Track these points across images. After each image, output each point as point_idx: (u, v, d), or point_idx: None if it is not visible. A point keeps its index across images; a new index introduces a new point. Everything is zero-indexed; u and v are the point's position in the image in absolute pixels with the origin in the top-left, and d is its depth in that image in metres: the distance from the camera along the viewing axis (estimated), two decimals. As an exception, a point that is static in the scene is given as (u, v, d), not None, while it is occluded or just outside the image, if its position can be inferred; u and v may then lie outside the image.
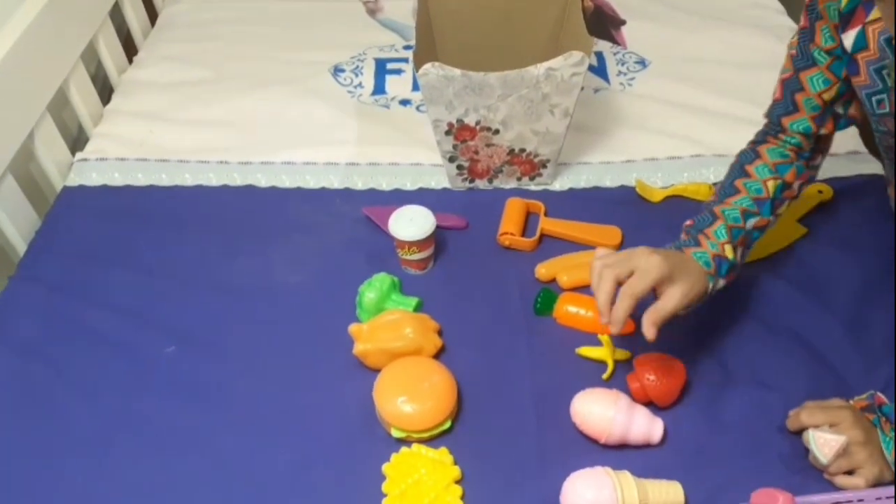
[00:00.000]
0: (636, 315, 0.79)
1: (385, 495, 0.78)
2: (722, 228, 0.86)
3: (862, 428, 0.77)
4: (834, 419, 0.78)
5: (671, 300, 0.77)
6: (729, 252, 0.85)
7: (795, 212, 1.05)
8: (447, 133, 1.04)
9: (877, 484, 0.75)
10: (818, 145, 0.92)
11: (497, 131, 1.04)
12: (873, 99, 0.80)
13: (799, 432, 0.81)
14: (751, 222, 0.87)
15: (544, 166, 1.11)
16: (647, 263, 0.77)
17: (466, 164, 1.10)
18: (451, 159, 1.09)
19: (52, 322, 0.96)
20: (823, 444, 0.76)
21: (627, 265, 0.78)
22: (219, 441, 0.84)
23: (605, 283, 0.78)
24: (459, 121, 1.02)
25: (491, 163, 1.09)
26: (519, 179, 1.13)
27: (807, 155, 0.92)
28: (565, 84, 0.98)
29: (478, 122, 1.03)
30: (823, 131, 0.89)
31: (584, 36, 1.02)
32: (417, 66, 0.97)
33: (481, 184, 1.13)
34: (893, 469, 0.76)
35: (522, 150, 1.07)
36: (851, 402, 0.81)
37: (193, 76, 1.36)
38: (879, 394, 0.80)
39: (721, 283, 0.84)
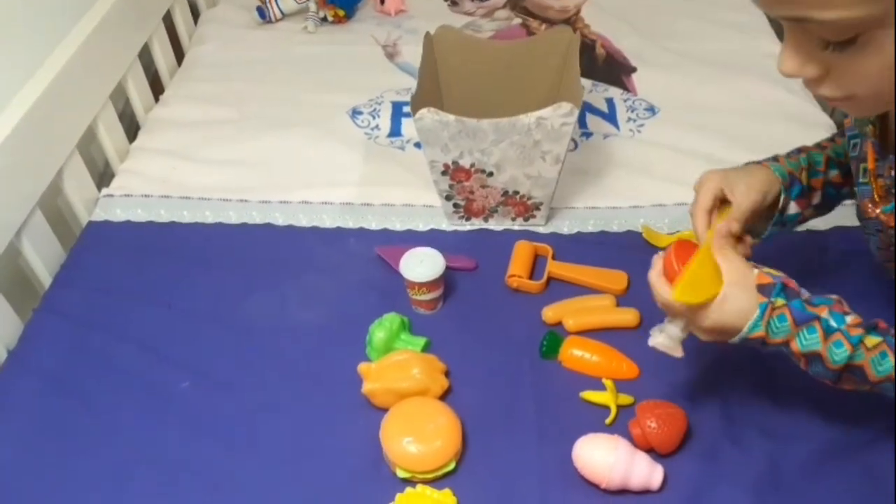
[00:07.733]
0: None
1: (388, 535, 0.80)
2: (803, 159, 0.85)
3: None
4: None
5: (739, 196, 0.79)
6: (804, 178, 0.83)
7: None
8: (443, 173, 1.08)
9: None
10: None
11: (491, 174, 1.08)
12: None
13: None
14: (832, 173, 0.85)
15: (537, 208, 1.14)
16: (700, 180, 0.81)
17: (462, 203, 1.13)
18: (448, 198, 1.13)
19: (73, 354, 0.99)
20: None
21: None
22: (228, 475, 0.87)
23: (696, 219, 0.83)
24: (455, 163, 1.06)
25: (486, 203, 1.13)
26: (513, 220, 1.16)
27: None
28: (555, 132, 1.02)
29: (472, 165, 1.06)
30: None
31: (577, 86, 1.06)
32: (414, 110, 1.01)
33: (477, 222, 1.16)
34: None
35: (516, 193, 1.11)
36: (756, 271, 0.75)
37: (216, 115, 1.41)
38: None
39: (792, 206, 0.82)
